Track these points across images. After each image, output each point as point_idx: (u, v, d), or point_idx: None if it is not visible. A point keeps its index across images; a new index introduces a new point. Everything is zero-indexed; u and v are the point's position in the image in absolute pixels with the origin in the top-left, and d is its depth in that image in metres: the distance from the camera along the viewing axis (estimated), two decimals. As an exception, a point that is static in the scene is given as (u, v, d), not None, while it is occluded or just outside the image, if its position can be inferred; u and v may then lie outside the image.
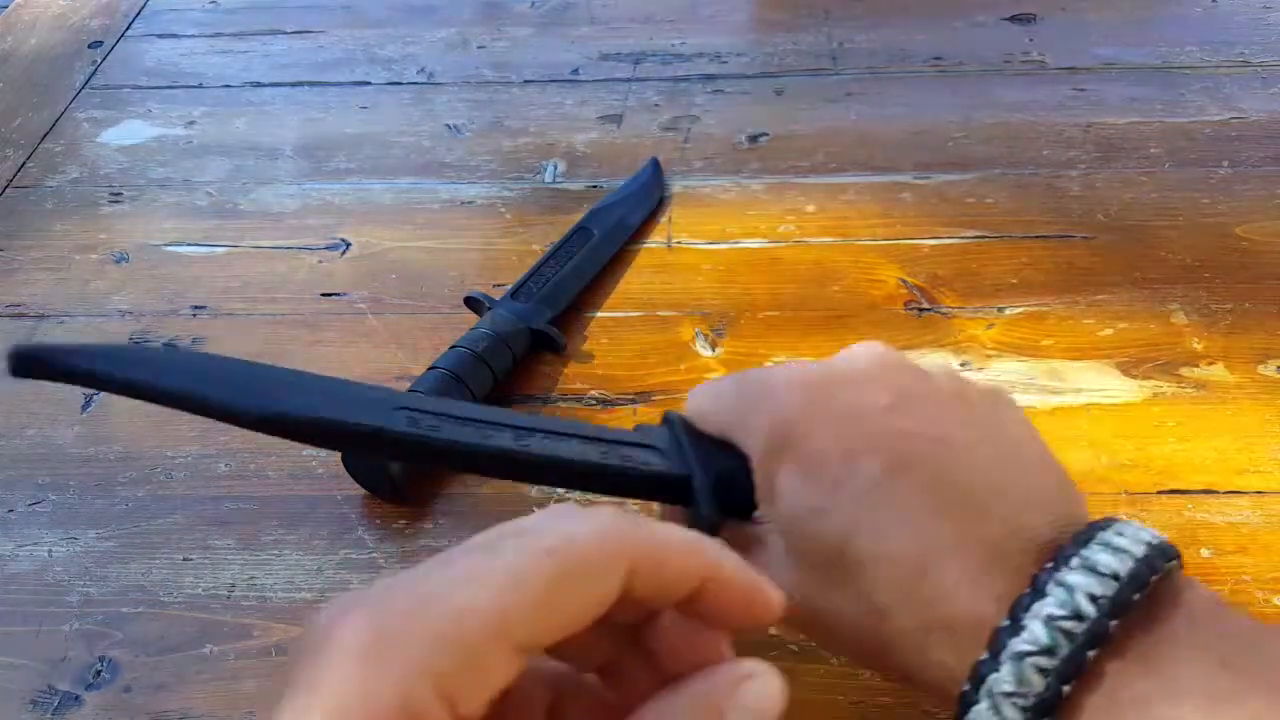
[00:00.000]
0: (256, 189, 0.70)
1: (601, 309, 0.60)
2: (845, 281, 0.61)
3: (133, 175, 0.72)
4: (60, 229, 0.68)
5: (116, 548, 0.49)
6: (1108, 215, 0.64)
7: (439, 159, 0.72)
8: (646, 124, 0.74)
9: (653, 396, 0.55)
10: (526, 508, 0.50)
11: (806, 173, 0.69)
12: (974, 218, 0.65)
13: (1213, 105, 0.73)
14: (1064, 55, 0.79)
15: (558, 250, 0.61)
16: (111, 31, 0.87)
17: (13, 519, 0.50)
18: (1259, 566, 0.46)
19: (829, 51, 0.81)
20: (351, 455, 0.49)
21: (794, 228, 0.65)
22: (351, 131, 0.75)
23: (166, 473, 0.52)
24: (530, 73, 0.80)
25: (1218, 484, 0.49)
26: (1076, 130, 0.71)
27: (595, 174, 0.70)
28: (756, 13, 0.86)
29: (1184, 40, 0.79)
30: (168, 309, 0.61)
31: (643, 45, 0.82)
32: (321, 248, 0.65)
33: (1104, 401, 0.53)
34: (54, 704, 0.43)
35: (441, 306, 0.60)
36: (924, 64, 0.79)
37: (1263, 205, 0.64)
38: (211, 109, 0.78)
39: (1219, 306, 0.58)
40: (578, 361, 0.57)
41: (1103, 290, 0.59)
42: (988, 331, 0.57)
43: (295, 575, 0.47)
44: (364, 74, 0.81)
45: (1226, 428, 0.52)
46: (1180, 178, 0.67)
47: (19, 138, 0.76)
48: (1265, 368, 0.55)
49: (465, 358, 0.53)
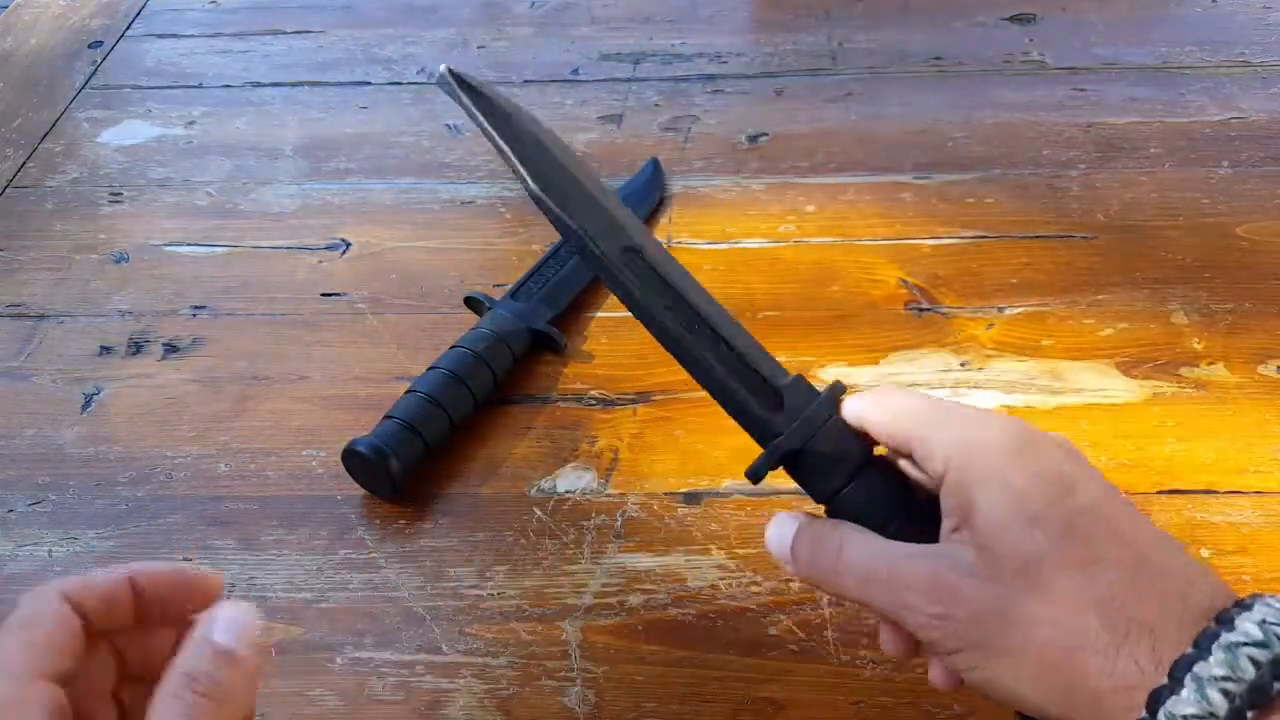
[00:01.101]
0: (256, 189, 0.70)
1: (601, 309, 0.60)
2: (845, 281, 0.61)
3: (133, 175, 0.72)
4: (60, 229, 0.68)
5: (116, 548, 0.49)
6: (1108, 215, 0.64)
7: (439, 159, 0.72)
8: (646, 124, 0.74)
9: (653, 396, 0.55)
10: (526, 508, 0.50)
11: (806, 173, 0.69)
12: (974, 218, 0.65)
13: (1213, 105, 0.73)
14: (1064, 55, 0.79)
15: (558, 250, 0.61)
16: (111, 31, 0.87)
17: (13, 519, 0.50)
18: (1259, 566, 0.46)
19: (829, 51, 0.81)
20: (358, 457, 0.49)
21: (794, 228, 0.65)
22: (351, 131, 0.75)
23: (166, 473, 0.52)
24: (530, 73, 0.80)
25: (1218, 484, 0.49)
26: (1076, 130, 0.71)
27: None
28: (756, 13, 0.86)
29: (1184, 40, 0.79)
30: (168, 309, 0.61)
31: (643, 45, 0.82)
32: (321, 248, 0.65)
33: (1104, 401, 0.53)
34: (54, 704, 0.43)
35: (441, 306, 0.60)
36: (924, 64, 0.79)
37: (1263, 205, 0.64)
38: (212, 109, 0.78)
39: (1219, 306, 0.58)
40: (578, 361, 0.57)
41: (1103, 290, 0.59)
42: (988, 331, 0.57)
43: (295, 575, 0.47)
44: (364, 74, 0.81)
45: (1226, 428, 0.52)
46: (1180, 178, 0.67)
47: (19, 138, 0.76)
48: (1265, 368, 0.55)
49: (465, 358, 0.53)
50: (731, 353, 0.37)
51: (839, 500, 0.36)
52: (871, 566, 0.33)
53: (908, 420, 0.34)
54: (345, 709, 0.43)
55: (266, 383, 0.56)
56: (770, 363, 0.37)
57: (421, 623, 0.46)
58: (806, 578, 0.35)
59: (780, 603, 0.46)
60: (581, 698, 0.43)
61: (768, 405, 0.37)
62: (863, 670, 0.43)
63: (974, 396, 0.54)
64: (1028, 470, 0.31)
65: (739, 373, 0.37)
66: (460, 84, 0.36)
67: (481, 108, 0.36)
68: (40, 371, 0.58)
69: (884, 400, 0.35)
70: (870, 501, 0.35)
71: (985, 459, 0.32)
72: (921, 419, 0.34)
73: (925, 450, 0.33)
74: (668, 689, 0.43)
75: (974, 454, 0.32)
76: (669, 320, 0.37)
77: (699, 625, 0.45)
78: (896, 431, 0.35)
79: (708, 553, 0.48)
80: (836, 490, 0.36)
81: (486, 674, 0.44)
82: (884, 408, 0.35)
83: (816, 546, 0.34)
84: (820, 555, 0.34)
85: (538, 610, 0.46)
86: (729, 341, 0.37)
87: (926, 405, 0.35)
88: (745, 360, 0.37)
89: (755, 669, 0.43)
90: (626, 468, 0.51)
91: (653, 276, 0.37)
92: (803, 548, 0.35)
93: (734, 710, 0.42)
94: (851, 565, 0.33)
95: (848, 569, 0.33)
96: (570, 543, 0.48)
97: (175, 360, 0.58)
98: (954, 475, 0.32)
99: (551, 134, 0.38)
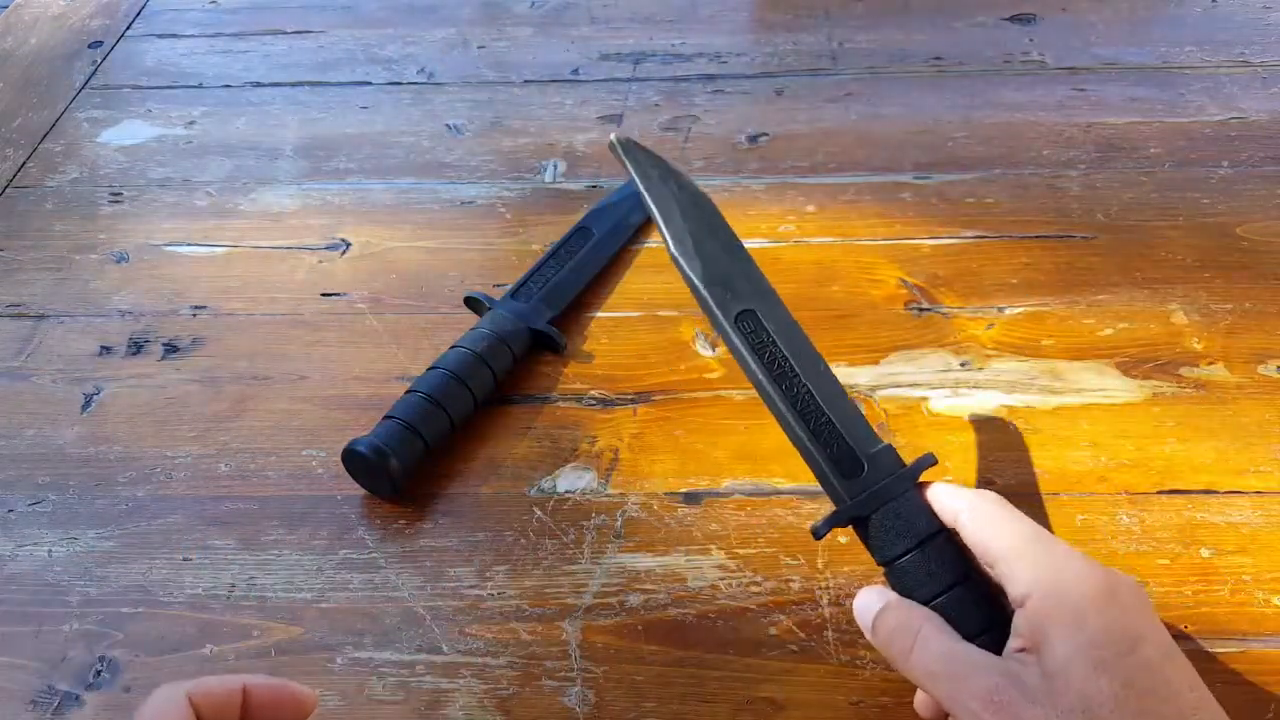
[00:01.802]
0: (256, 189, 0.70)
1: (601, 309, 0.60)
2: (845, 281, 0.61)
3: (133, 175, 0.72)
4: (60, 229, 0.68)
5: (116, 548, 0.49)
6: (1108, 215, 0.64)
7: (439, 159, 0.72)
8: (646, 124, 0.74)
9: (653, 396, 0.55)
10: (526, 508, 0.50)
11: (806, 173, 0.69)
12: (974, 218, 0.65)
13: (1213, 105, 0.73)
14: (1064, 55, 0.79)
15: (558, 250, 0.61)
16: (111, 31, 0.87)
17: (13, 519, 0.50)
18: (1259, 566, 0.46)
19: (829, 51, 0.81)
20: (362, 449, 0.49)
21: (794, 228, 0.65)
22: (351, 131, 0.75)
23: (166, 473, 0.52)
24: (530, 73, 0.80)
25: (1218, 484, 0.49)
26: (1076, 130, 0.71)
27: (595, 174, 0.70)
28: (756, 13, 0.86)
29: (1184, 40, 0.79)
30: (168, 309, 0.61)
31: (643, 45, 0.82)
32: (321, 248, 0.65)
33: (1104, 401, 0.53)
34: (54, 704, 0.43)
35: (441, 306, 0.60)
36: (924, 64, 0.79)
37: (1263, 205, 0.64)
38: (212, 109, 0.78)
39: (1219, 306, 0.58)
40: (578, 361, 0.57)
41: (1103, 290, 0.59)
42: (988, 331, 0.57)
43: (295, 575, 0.47)
44: (364, 74, 0.81)
45: (1226, 428, 0.52)
46: (1180, 178, 0.67)
47: (19, 138, 0.76)
48: (1265, 368, 0.55)
49: (465, 358, 0.53)
50: (823, 419, 0.40)
51: (895, 567, 0.39)
52: (942, 664, 0.35)
53: (1000, 540, 0.37)
54: (345, 709, 0.43)
55: (266, 383, 0.56)
56: (863, 431, 0.40)
57: (421, 623, 0.46)
58: (880, 650, 0.38)
59: (780, 603, 0.46)
60: (581, 698, 0.43)
61: (847, 472, 0.40)
62: (863, 670, 0.43)
63: (974, 396, 0.54)
64: (1103, 619, 0.34)
65: (825, 438, 0.40)
66: (625, 149, 0.42)
67: (640, 172, 0.42)
68: (40, 371, 0.58)
69: (982, 511, 0.38)
70: (925, 575, 0.38)
71: (1067, 600, 0.34)
72: (1015, 544, 0.37)
73: (1011, 573, 0.36)
74: (668, 689, 0.43)
75: (1058, 593, 0.35)
76: (769, 382, 0.40)
77: (699, 625, 0.45)
78: (990, 547, 0.37)
79: (708, 553, 0.48)
80: (893, 558, 0.38)
81: (486, 674, 0.44)
82: (981, 519, 0.38)
83: (897, 630, 0.37)
84: (897, 638, 0.37)
85: (538, 610, 0.46)
86: (823, 409, 0.40)
87: (1022, 531, 0.37)
88: (835, 428, 0.40)
89: (755, 669, 0.43)
90: (626, 468, 0.51)
91: (762, 339, 0.41)
92: (884, 626, 0.38)
93: (734, 710, 0.42)
94: (923, 658, 0.36)
95: (919, 660, 0.36)
96: (570, 543, 0.48)
97: (175, 360, 0.58)
98: (1035, 605, 0.35)
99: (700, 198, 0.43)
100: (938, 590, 0.38)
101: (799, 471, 0.50)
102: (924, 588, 0.38)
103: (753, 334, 0.41)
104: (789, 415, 0.40)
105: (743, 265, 0.42)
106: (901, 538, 0.38)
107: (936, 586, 0.38)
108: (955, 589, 0.37)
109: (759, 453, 0.52)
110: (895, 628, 0.37)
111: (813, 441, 0.40)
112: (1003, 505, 0.38)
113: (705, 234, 0.42)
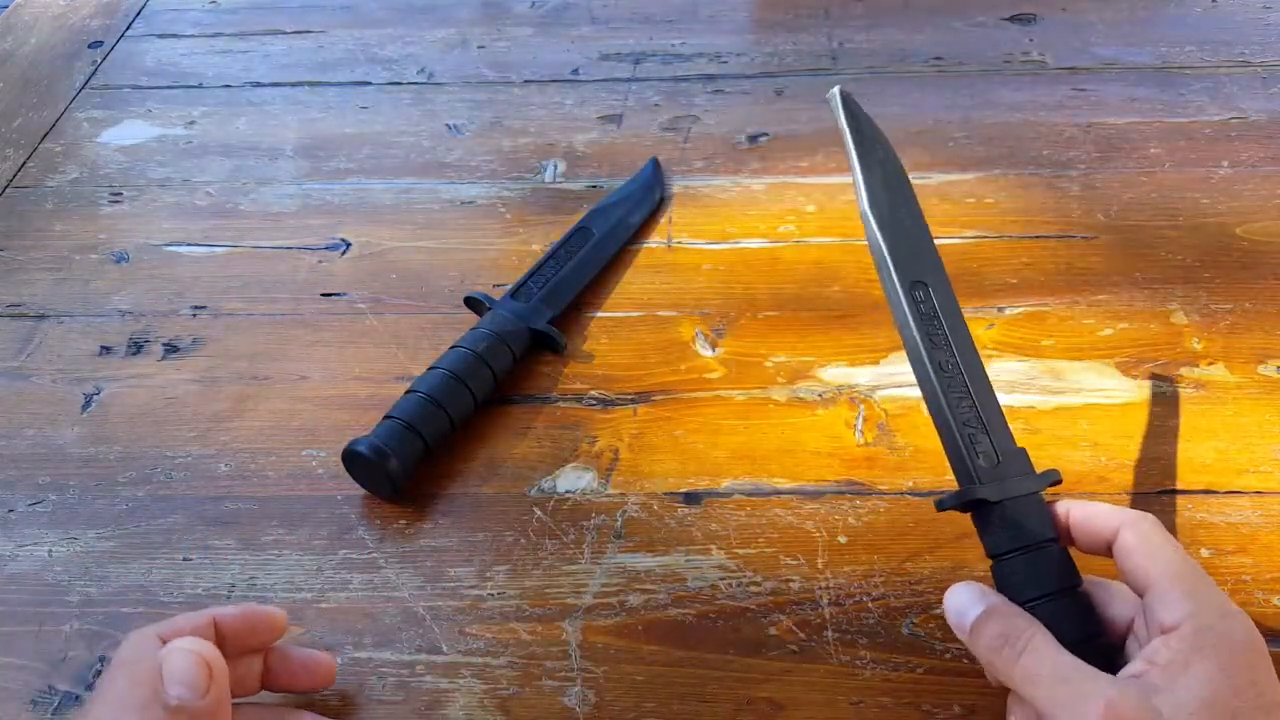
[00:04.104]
0: (256, 189, 0.70)
1: (601, 309, 0.60)
2: (845, 281, 0.61)
3: (133, 175, 0.72)
4: (60, 229, 0.68)
5: (116, 548, 0.49)
6: (1108, 215, 0.64)
7: (439, 159, 0.72)
8: (646, 124, 0.74)
9: (653, 396, 0.55)
10: (526, 508, 0.50)
11: (806, 173, 0.69)
12: (974, 218, 0.65)
13: (1213, 105, 0.73)
14: (1064, 55, 0.79)
15: (558, 250, 0.61)
16: (111, 31, 0.87)
17: (13, 519, 0.50)
18: (1259, 566, 0.46)
19: (829, 51, 0.81)
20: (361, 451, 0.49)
21: (794, 228, 0.65)
22: (351, 131, 0.75)
23: (166, 473, 0.52)
24: (530, 73, 0.80)
25: (1218, 484, 0.49)
26: (1076, 130, 0.71)
27: (595, 174, 0.70)
28: (756, 13, 0.86)
29: (1184, 40, 0.79)
30: (168, 309, 0.61)
31: (643, 45, 0.82)
32: (321, 248, 0.65)
33: (1104, 401, 0.53)
34: (54, 704, 0.43)
35: (441, 306, 0.60)
36: (924, 64, 0.79)
37: (1263, 205, 0.64)
38: (212, 109, 0.78)
39: (1219, 306, 0.58)
40: (578, 361, 0.57)
41: (1103, 290, 0.59)
42: (988, 331, 0.57)
43: (295, 575, 0.48)
44: (364, 74, 0.81)
45: (1226, 428, 0.52)
46: (1180, 178, 0.67)
47: (19, 138, 0.76)
48: (1265, 368, 0.55)
49: (465, 358, 0.53)
50: (967, 402, 0.41)
51: (1005, 563, 0.39)
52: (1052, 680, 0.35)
53: (1160, 564, 0.37)
54: (345, 709, 0.43)
55: (266, 383, 0.56)
56: (1002, 427, 0.41)
57: (421, 623, 0.46)
58: (977, 654, 0.38)
59: (780, 603, 0.46)
60: (581, 698, 0.43)
61: (982, 458, 0.40)
62: (863, 670, 0.43)
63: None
64: (1253, 674, 0.34)
65: (967, 419, 0.41)
66: (845, 102, 0.44)
67: (852, 126, 0.44)
68: (40, 371, 0.58)
69: (1144, 532, 0.38)
70: (1034, 577, 0.38)
71: (1223, 642, 0.35)
72: (1177, 570, 0.36)
73: (1165, 598, 0.36)
74: (668, 689, 0.43)
75: (1215, 631, 0.35)
76: (926, 352, 0.41)
77: (699, 625, 0.45)
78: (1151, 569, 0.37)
79: (708, 553, 0.48)
80: (1006, 553, 0.39)
81: (486, 674, 0.44)
82: (1144, 539, 0.38)
83: (1005, 639, 0.36)
84: (1006, 647, 0.36)
85: (538, 610, 0.46)
86: (970, 393, 0.41)
87: (1184, 559, 0.37)
88: (978, 412, 0.41)
89: (755, 669, 0.43)
90: (626, 468, 0.51)
91: (929, 311, 0.42)
92: (988, 631, 0.37)
93: (734, 710, 0.42)
94: (1032, 670, 0.35)
95: (1026, 671, 0.35)
96: (570, 543, 0.48)
97: (175, 360, 0.58)
98: (1186, 635, 0.35)
99: (899, 169, 0.45)
100: (1041, 594, 0.38)
101: (799, 471, 0.51)
102: (1030, 589, 0.38)
103: (922, 303, 0.42)
104: (938, 388, 0.41)
105: (925, 242, 0.44)
106: (1021, 534, 0.39)
107: (1041, 591, 0.38)
108: (1059, 597, 0.38)
109: (759, 453, 0.52)
110: (1002, 634, 0.37)
111: (954, 418, 0.40)
112: (1163, 529, 0.38)
113: (900, 201, 0.44)
